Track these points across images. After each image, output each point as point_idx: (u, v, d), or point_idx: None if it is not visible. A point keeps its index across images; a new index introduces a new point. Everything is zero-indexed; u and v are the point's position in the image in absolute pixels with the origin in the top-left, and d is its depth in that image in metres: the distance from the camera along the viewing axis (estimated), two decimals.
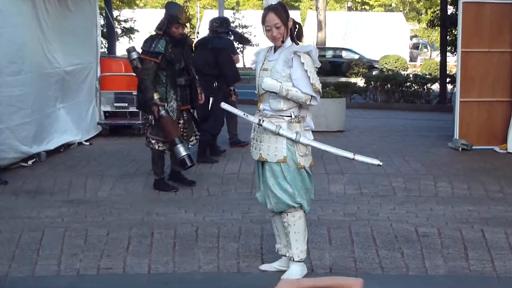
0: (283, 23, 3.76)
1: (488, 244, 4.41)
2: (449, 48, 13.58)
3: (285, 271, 3.95)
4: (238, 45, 23.94)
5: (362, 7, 42.41)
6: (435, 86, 14.58)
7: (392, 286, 4.00)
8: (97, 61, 8.79)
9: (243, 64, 23.70)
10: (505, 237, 4.51)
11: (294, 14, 18.92)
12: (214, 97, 6.86)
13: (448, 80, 13.77)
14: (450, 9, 13.67)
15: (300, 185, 3.83)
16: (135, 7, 23.60)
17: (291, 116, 3.80)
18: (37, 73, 6.99)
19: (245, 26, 24.92)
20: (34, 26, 6.97)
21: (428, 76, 15.36)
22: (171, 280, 4.04)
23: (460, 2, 7.68)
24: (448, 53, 13.89)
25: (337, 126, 9.30)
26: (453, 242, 4.45)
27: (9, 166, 6.46)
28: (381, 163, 3.83)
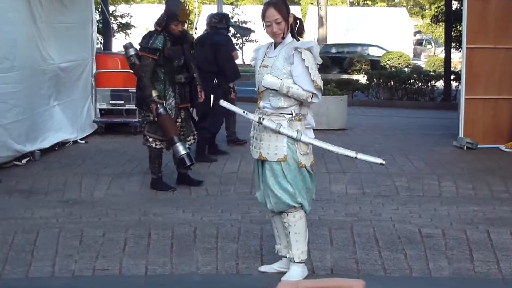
0: (284, 19, 3.73)
1: (494, 245, 4.38)
2: (454, 44, 13.51)
3: (285, 273, 3.92)
4: (237, 41, 23.94)
5: (364, 2, 42.43)
6: (439, 83, 14.52)
7: None
8: (93, 58, 8.74)
9: (243, 61, 23.68)
10: (511, 238, 4.48)
11: (295, 9, 18.82)
12: (215, 95, 6.81)
13: (453, 77, 13.70)
14: (455, 4, 13.60)
15: (301, 185, 3.80)
16: (132, 2, 23.64)
17: (292, 114, 3.77)
18: (31, 70, 6.94)
19: (244, 22, 24.88)
20: (28, 22, 6.92)
21: (432, 73, 15.29)
22: (169, 282, 4.02)
23: None
24: (453, 50, 13.81)
25: (339, 124, 9.26)
26: (458, 243, 4.42)
27: (3, 165, 6.43)
28: (384, 162, 3.83)
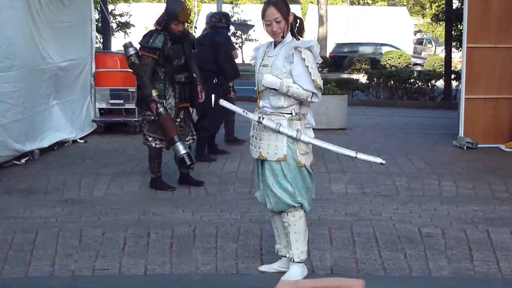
0: (284, 18, 3.72)
1: (494, 245, 4.37)
2: (454, 44, 13.48)
3: (285, 272, 3.92)
4: (237, 40, 23.92)
5: (365, 1, 42.40)
6: (440, 83, 14.50)
7: None
8: (92, 57, 8.72)
9: (242, 60, 23.66)
10: (511, 238, 4.47)
11: (295, 8, 18.87)
12: (216, 94, 6.81)
13: (453, 77, 13.68)
14: (456, 3, 13.59)
15: (301, 184, 3.79)
16: (131, 1, 23.57)
17: (292, 114, 3.76)
18: (30, 69, 6.92)
19: (244, 21, 24.85)
20: (27, 21, 6.90)
21: (433, 72, 15.28)
22: (168, 281, 4.02)
23: None
24: (453, 49, 13.79)
25: (339, 124, 9.25)
26: (458, 243, 4.41)
27: (2, 165, 6.42)
28: (384, 162, 3.82)
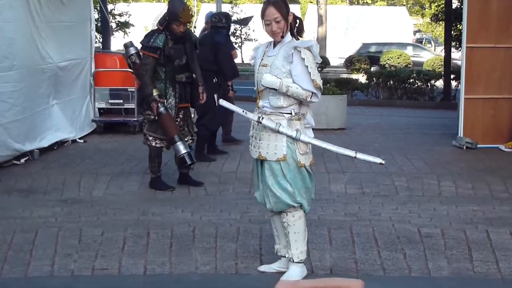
0: (283, 17, 3.72)
1: (493, 245, 4.37)
2: (454, 43, 13.47)
3: (285, 273, 3.91)
4: (236, 40, 23.87)
5: (364, 1, 42.35)
6: (439, 83, 14.49)
7: None
8: (91, 56, 8.71)
9: (242, 60, 23.62)
10: (510, 238, 4.46)
11: (294, 8, 18.82)
12: (217, 94, 6.82)
13: (453, 77, 13.67)
14: (455, 3, 13.57)
15: (300, 184, 3.79)
16: (130, 1, 23.51)
17: (291, 113, 3.76)
18: (30, 69, 6.92)
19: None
20: (27, 20, 6.89)
21: (432, 72, 15.27)
22: (168, 281, 4.01)
23: None
24: (453, 49, 13.78)
25: (338, 124, 9.24)
26: (457, 243, 4.41)
27: (2, 164, 6.42)
28: (384, 162, 3.82)
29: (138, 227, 4.60)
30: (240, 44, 24.76)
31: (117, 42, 17.32)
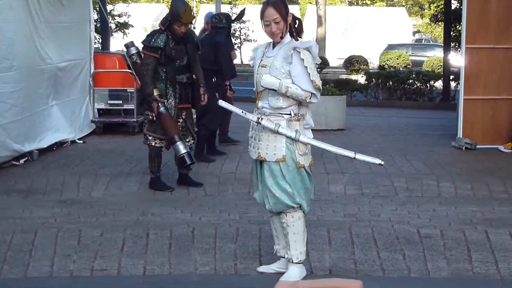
0: (283, 18, 3.72)
1: (492, 246, 4.37)
2: (453, 44, 13.47)
3: (284, 273, 3.90)
4: (236, 41, 23.84)
5: (363, 2, 42.34)
6: (438, 84, 14.49)
7: None
8: (91, 57, 8.72)
9: (241, 60, 23.63)
10: (510, 239, 4.46)
11: (293, 9, 18.81)
12: (217, 92, 6.83)
13: (452, 77, 13.67)
14: (454, 4, 13.56)
15: (300, 185, 3.78)
16: (130, 1, 23.51)
17: (291, 114, 3.76)
18: (29, 70, 6.92)
19: (243, 21, 24.75)
20: (26, 21, 6.89)
21: (432, 73, 15.26)
22: (167, 282, 4.01)
23: None
24: (452, 49, 13.79)
25: (338, 125, 9.25)
26: (456, 244, 4.40)
27: (1, 165, 6.42)
28: (383, 163, 3.82)
29: (138, 228, 4.59)
30: (239, 45, 24.76)
31: (117, 43, 17.34)
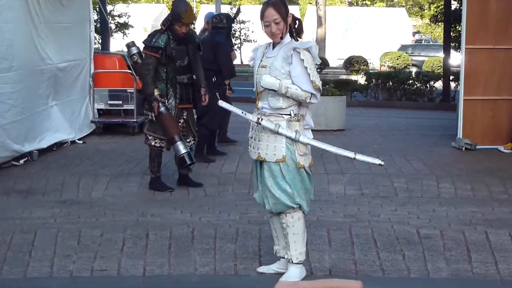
0: (283, 19, 3.72)
1: (492, 246, 4.37)
2: (453, 45, 13.47)
3: (284, 274, 3.90)
4: (236, 41, 23.84)
5: (363, 2, 42.34)
6: (438, 84, 14.48)
7: None
8: (91, 57, 8.72)
9: (241, 61, 23.62)
10: (509, 239, 4.46)
11: (293, 9, 18.83)
12: (217, 92, 6.83)
13: (452, 78, 13.67)
14: (454, 4, 13.56)
15: (300, 185, 3.78)
16: (129, 2, 23.50)
17: (291, 115, 3.76)
18: (29, 70, 6.92)
19: (243, 22, 24.74)
20: (26, 21, 6.89)
21: (431, 73, 15.26)
22: (167, 282, 4.01)
23: None
24: (452, 50, 13.78)
25: (338, 125, 9.25)
26: (456, 244, 4.40)
27: (1, 165, 6.42)
28: (383, 163, 3.82)
29: (137, 228, 4.59)
30: (239, 45, 24.76)
31: (116, 43, 17.34)
